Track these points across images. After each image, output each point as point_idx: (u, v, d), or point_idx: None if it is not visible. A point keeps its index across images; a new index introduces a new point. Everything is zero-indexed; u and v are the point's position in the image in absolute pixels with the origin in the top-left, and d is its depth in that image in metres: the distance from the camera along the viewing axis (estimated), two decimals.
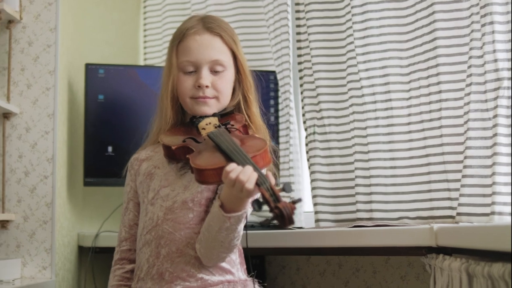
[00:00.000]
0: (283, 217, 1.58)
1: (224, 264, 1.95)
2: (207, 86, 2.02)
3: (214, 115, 2.05)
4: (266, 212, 1.68)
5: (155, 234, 1.97)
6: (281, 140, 2.95)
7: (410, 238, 2.09)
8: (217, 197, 1.85)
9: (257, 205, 1.62)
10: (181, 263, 1.92)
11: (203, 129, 1.97)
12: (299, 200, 1.66)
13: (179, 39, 2.09)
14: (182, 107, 2.12)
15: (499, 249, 1.55)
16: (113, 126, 2.95)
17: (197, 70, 2.05)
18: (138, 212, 2.09)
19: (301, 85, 2.81)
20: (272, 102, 3.03)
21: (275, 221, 1.61)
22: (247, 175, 1.68)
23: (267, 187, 1.65)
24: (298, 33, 2.83)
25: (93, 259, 2.94)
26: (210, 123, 2.01)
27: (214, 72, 2.05)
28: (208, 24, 2.09)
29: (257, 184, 1.68)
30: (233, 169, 1.70)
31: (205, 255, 1.90)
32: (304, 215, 2.87)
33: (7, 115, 2.78)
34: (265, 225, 1.68)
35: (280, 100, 3.00)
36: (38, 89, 2.82)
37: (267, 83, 2.98)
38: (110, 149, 2.92)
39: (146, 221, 2.00)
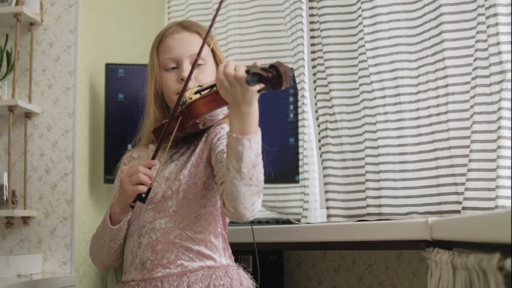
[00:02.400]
0: (279, 73, 1.58)
1: (205, 250, 1.98)
2: (186, 79, 2.05)
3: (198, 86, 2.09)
4: None
5: (137, 225, 2.02)
6: (299, 136, 2.96)
7: (406, 231, 2.09)
8: (227, 133, 1.81)
9: (253, 81, 1.63)
10: (161, 251, 1.96)
11: (190, 98, 2.00)
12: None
13: (159, 40, 2.17)
14: (167, 108, 2.17)
15: (491, 241, 1.53)
16: (133, 125, 2.97)
17: (178, 65, 2.11)
18: None
19: (314, 81, 2.82)
20: (291, 99, 3.04)
21: (269, 86, 1.62)
22: (232, 66, 1.71)
23: (255, 67, 1.66)
24: (312, 30, 2.84)
25: None
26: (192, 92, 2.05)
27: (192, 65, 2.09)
28: (185, 23, 2.18)
29: (246, 71, 1.68)
30: (218, 72, 1.73)
31: (238, 202, 1.81)
32: (320, 211, 2.88)
33: (28, 114, 2.87)
34: (262, 90, 1.67)
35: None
36: (59, 89, 2.90)
37: None
38: (129, 147, 2.96)
39: (132, 214, 2.04)
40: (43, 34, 2.94)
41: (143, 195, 1.89)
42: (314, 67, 2.82)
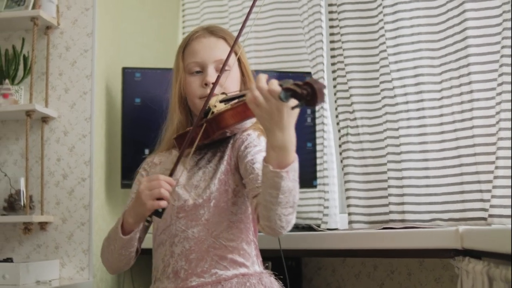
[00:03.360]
0: (314, 90, 1.53)
1: (238, 258, 1.96)
2: (213, 83, 2.03)
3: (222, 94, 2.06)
4: None
5: (168, 234, 2.00)
6: (317, 141, 2.94)
7: (436, 240, 2.07)
8: (263, 162, 1.74)
9: (286, 96, 1.57)
10: (194, 260, 1.94)
11: (215, 106, 1.98)
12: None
13: (185, 44, 2.16)
14: (190, 112, 2.15)
15: None
16: (150, 129, 2.94)
17: (203, 70, 2.09)
18: None
19: (334, 86, 2.80)
20: None
21: (303, 103, 1.55)
22: (263, 81, 1.65)
23: (288, 82, 1.60)
24: (332, 34, 2.82)
25: None
26: (218, 100, 2.02)
27: (219, 71, 2.06)
28: (212, 28, 2.16)
29: (279, 85, 1.62)
30: (252, 88, 1.66)
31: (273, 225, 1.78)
32: (340, 216, 2.86)
33: (45, 119, 2.84)
34: (296, 107, 1.60)
35: None
36: (76, 93, 2.88)
37: None
38: (147, 151, 2.95)
39: (159, 222, 2.02)
40: (60, 37, 2.92)
41: (160, 210, 1.86)
42: (334, 71, 2.80)
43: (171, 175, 1.89)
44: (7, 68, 2.83)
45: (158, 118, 2.98)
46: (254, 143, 1.98)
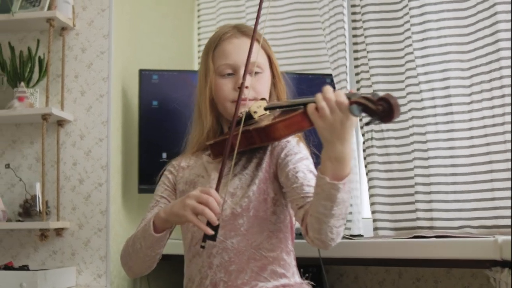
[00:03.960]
0: (390, 106, 1.46)
1: (278, 268, 1.89)
2: (247, 87, 1.96)
3: (262, 99, 1.98)
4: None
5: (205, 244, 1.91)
6: None
7: (473, 250, 2.00)
8: (318, 173, 1.67)
9: (357, 110, 1.51)
10: (235, 271, 1.87)
11: (255, 112, 1.90)
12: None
13: (215, 44, 2.04)
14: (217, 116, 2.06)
15: None
16: (168, 132, 2.90)
17: (235, 72, 2.00)
18: None
19: (358, 89, 2.74)
20: None
21: (376, 118, 1.50)
22: (331, 93, 1.57)
23: (355, 95, 1.54)
24: (355, 36, 2.75)
25: None
26: (260, 106, 1.94)
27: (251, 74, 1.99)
28: (243, 28, 2.06)
29: (347, 97, 1.56)
30: (318, 100, 1.58)
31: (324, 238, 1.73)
32: (363, 221, 2.80)
33: (61, 122, 2.78)
34: (370, 123, 1.53)
35: None
36: (92, 96, 2.81)
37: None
38: (164, 155, 2.89)
39: (194, 232, 1.94)
40: (75, 39, 2.85)
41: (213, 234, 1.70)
42: (357, 74, 2.74)
43: (216, 190, 1.77)
44: (22, 70, 2.76)
45: (175, 121, 2.93)
46: (294, 151, 1.91)
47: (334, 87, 2.87)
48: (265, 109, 1.90)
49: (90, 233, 2.76)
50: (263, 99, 1.95)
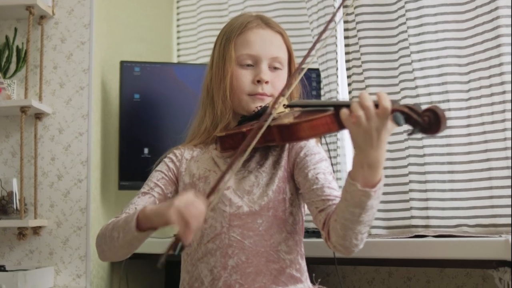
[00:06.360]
0: (437, 117, 1.38)
1: (295, 273, 1.80)
2: (266, 82, 1.87)
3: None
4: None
5: (220, 243, 1.80)
6: (328, 139, 2.80)
7: (481, 251, 1.95)
8: (348, 178, 1.59)
9: (402, 119, 1.42)
10: (252, 274, 1.76)
11: (274, 108, 1.80)
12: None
13: (238, 32, 1.93)
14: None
15: None
16: (150, 127, 2.80)
17: (255, 64, 1.90)
18: (160, 201, 1.89)
19: (349, 84, 2.67)
20: None
21: (419, 129, 1.42)
22: (369, 100, 1.48)
23: (396, 103, 1.46)
24: (346, 29, 2.69)
25: (126, 265, 2.79)
26: (279, 102, 1.84)
27: (272, 69, 1.91)
28: (267, 20, 1.96)
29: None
30: (355, 108, 1.49)
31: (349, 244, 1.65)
32: None
33: (39, 115, 2.65)
34: (412, 133, 1.44)
35: (322, 99, 2.85)
36: (72, 88, 2.69)
37: (309, 81, 2.82)
38: (146, 150, 2.78)
39: (206, 228, 1.83)
40: (54, 28, 2.72)
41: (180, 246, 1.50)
42: (349, 69, 2.68)
43: (219, 182, 1.67)
44: None
45: (158, 116, 2.83)
46: (314, 151, 1.82)
47: (319, 82, 2.81)
48: (285, 106, 1.81)
49: (69, 232, 2.64)
50: (281, 96, 1.86)
